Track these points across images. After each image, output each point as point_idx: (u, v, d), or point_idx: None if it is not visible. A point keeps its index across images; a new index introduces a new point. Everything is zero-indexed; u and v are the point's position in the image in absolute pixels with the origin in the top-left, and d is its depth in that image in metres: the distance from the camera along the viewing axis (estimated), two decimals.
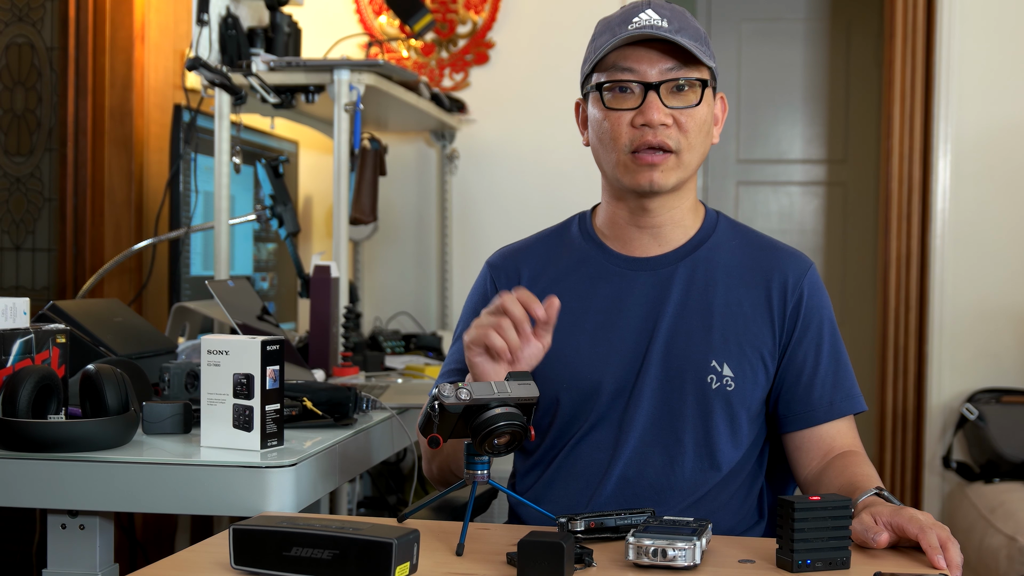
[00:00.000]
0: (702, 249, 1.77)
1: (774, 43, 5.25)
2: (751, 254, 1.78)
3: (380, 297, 4.18)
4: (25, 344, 1.85)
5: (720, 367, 1.70)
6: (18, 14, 3.33)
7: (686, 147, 1.70)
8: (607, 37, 1.71)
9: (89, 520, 1.76)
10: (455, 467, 1.77)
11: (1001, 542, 3.14)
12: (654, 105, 1.67)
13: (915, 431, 3.95)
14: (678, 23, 1.69)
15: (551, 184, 4.05)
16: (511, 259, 1.85)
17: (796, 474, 1.76)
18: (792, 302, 1.74)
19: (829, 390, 1.73)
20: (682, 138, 1.69)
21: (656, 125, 1.67)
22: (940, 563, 1.34)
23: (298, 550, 1.28)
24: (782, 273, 1.75)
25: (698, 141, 1.71)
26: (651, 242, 1.77)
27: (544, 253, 1.84)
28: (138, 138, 3.33)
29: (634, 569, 1.35)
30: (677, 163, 1.70)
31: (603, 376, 1.72)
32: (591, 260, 1.80)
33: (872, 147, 5.06)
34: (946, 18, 3.87)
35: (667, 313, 1.72)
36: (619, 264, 1.78)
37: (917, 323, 3.94)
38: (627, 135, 1.69)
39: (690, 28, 1.70)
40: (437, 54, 4.15)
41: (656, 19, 1.68)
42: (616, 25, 1.71)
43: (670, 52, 1.68)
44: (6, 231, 3.36)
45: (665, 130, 1.68)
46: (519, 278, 1.82)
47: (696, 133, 1.71)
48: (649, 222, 1.76)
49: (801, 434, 1.74)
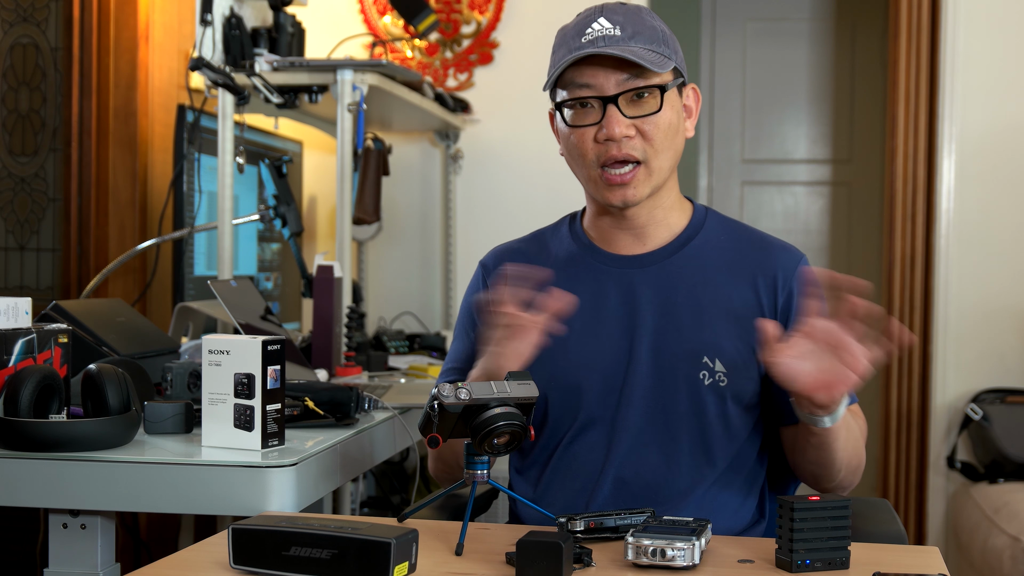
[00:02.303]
0: (689, 246, 1.77)
1: (779, 43, 5.25)
2: (741, 249, 1.77)
3: (384, 297, 4.18)
4: (27, 344, 1.85)
5: (712, 363, 1.69)
6: (22, 14, 3.34)
7: (652, 155, 1.69)
8: (563, 52, 1.70)
9: (90, 519, 1.76)
10: (457, 465, 1.77)
11: (1005, 542, 3.13)
12: (614, 118, 1.66)
13: (919, 431, 3.94)
14: (632, 28, 1.68)
15: (555, 184, 4.04)
16: (501, 259, 1.86)
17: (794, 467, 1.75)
18: (783, 296, 1.73)
19: None
20: (647, 147, 1.69)
21: (619, 138, 1.67)
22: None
23: (297, 550, 1.29)
24: (773, 267, 1.75)
25: (665, 146, 1.70)
26: (636, 242, 1.78)
27: (535, 253, 1.84)
28: (142, 138, 3.33)
29: (633, 569, 1.35)
30: (647, 173, 1.70)
31: (590, 374, 1.72)
32: (578, 259, 1.80)
33: (877, 147, 5.05)
34: (951, 18, 3.86)
35: (655, 311, 1.72)
36: (606, 263, 1.78)
37: (921, 323, 3.94)
38: (592, 151, 1.69)
39: (645, 31, 1.69)
40: (441, 54, 4.15)
41: (608, 27, 1.67)
42: (571, 38, 1.70)
43: (625, 62, 1.66)
44: (11, 231, 3.36)
45: (628, 142, 1.67)
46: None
47: (662, 139, 1.69)
48: (631, 224, 1.77)
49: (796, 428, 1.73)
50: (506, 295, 1.61)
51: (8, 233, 3.36)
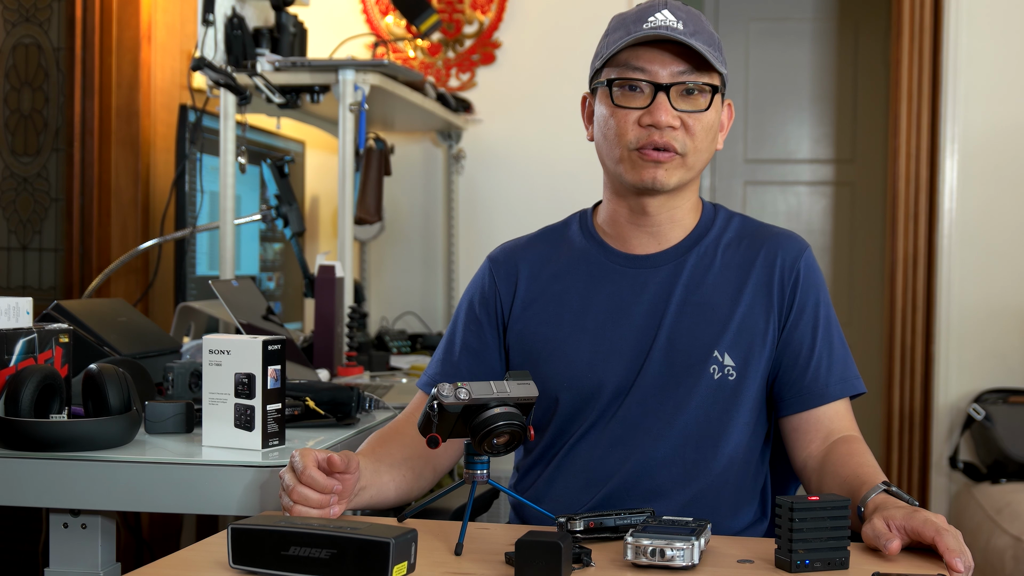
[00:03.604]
0: (701, 243, 1.77)
1: (782, 43, 5.25)
2: (747, 241, 1.78)
3: (386, 297, 4.18)
4: (28, 344, 1.85)
5: (722, 357, 1.70)
6: (25, 15, 3.35)
7: (692, 150, 1.70)
8: (621, 34, 1.70)
9: (91, 519, 1.77)
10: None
11: (1007, 543, 3.13)
12: (663, 106, 1.67)
13: (922, 431, 3.94)
14: (693, 26, 1.68)
15: (557, 184, 4.05)
16: (511, 255, 1.86)
17: (793, 458, 1.75)
18: (789, 284, 1.74)
19: (824, 372, 1.72)
20: (688, 141, 1.69)
21: (663, 127, 1.67)
22: (958, 565, 1.32)
23: (296, 549, 1.28)
24: (778, 256, 1.75)
25: (704, 145, 1.71)
26: (650, 240, 1.77)
27: (544, 251, 1.84)
28: (144, 138, 3.34)
29: (632, 569, 1.35)
30: (682, 163, 1.70)
31: (604, 376, 1.72)
32: (591, 258, 1.80)
33: (880, 147, 5.05)
34: (953, 18, 3.86)
35: (669, 311, 1.72)
36: (619, 262, 1.78)
37: (924, 323, 3.94)
38: (633, 133, 1.69)
39: (704, 32, 1.70)
40: (444, 54, 4.15)
41: (672, 20, 1.67)
42: (631, 23, 1.70)
43: (683, 55, 1.67)
44: (13, 231, 3.37)
45: (672, 132, 1.68)
46: (517, 275, 1.82)
47: (703, 137, 1.70)
48: (648, 221, 1.76)
49: (798, 417, 1.73)
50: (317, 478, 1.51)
51: (11, 233, 3.37)
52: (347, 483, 1.52)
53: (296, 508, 1.49)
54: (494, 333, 1.82)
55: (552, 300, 1.78)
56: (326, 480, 1.50)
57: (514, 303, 1.81)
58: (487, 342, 1.82)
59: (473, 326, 1.83)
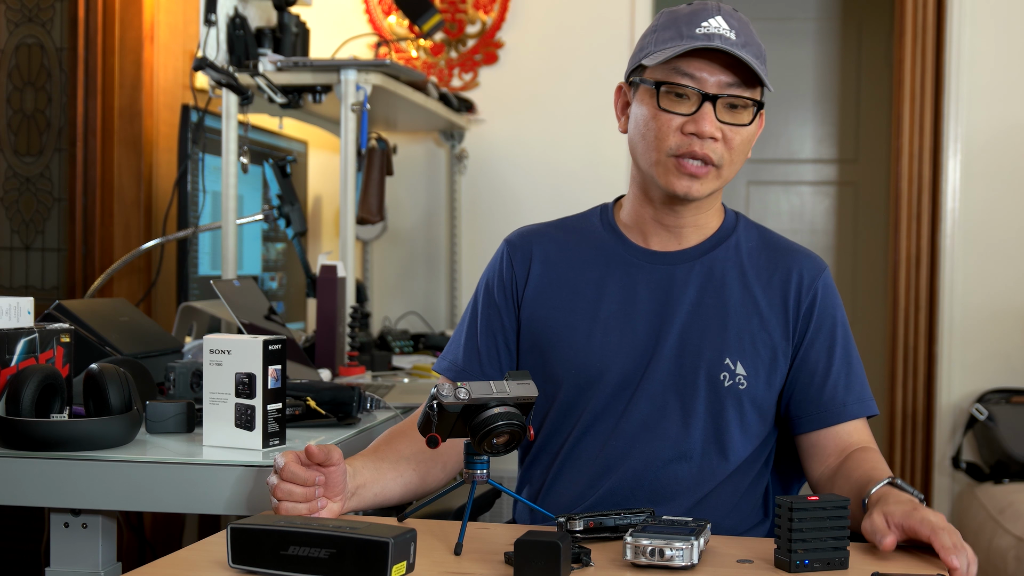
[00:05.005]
0: (720, 248, 1.77)
1: (785, 43, 5.24)
2: (767, 255, 1.78)
3: (389, 297, 4.18)
4: (29, 343, 1.85)
5: (734, 365, 1.70)
6: (28, 15, 3.35)
7: (728, 162, 1.69)
8: (672, 34, 1.68)
9: (92, 519, 1.77)
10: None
11: (1010, 543, 3.12)
12: (708, 117, 1.66)
13: (925, 431, 3.93)
14: (744, 37, 1.67)
15: (560, 184, 4.05)
16: (527, 239, 1.85)
17: (809, 474, 1.76)
18: (806, 303, 1.74)
19: (842, 392, 1.73)
20: (726, 153, 1.69)
21: (706, 137, 1.66)
22: (955, 562, 1.32)
23: (295, 549, 1.29)
24: (797, 274, 1.75)
25: (739, 158, 1.71)
26: (671, 239, 1.78)
27: (561, 239, 1.83)
28: (147, 138, 3.34)
29: (632, 569, 1.35)
30: (716, 176, 1.70)
31: (610, 365, 1.72)
32: (609, 249, 1.79)
33: (883, 147, 5.05)
34: (956, 18, 3.86)
35: (682, 310, 1.73)
36: (637, 256, 1.78)
37: (927, 323, 3.93)
38: (674, 139, 1.67)
39: (754, 44, 1.69)
40: (446, 54, 4.15)
41: (725, 28, 1.66)
42: (683, 24, 1.68)
43: (732, 66, 1.66)
44: (16, 231, 3.37)
45: (712, 144, 1.67)
46: (531, 258, 1.82)
47: (740, 151, 1.70)
48: (673, 222, 1.76)
49: (815, 435, 1.73)
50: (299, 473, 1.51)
51: (13, 233, 3.37)
52: (332, 476, 1.52)
53: (283, 506, 1.49)
54: (511, 315, 1.82)
55: (565, 286, 1.78)
56: (306, 472, 1.50)
57: (527, 286, 1.80)
58: (504, 323, 1.82)
59: (490, 308, 1.83)
